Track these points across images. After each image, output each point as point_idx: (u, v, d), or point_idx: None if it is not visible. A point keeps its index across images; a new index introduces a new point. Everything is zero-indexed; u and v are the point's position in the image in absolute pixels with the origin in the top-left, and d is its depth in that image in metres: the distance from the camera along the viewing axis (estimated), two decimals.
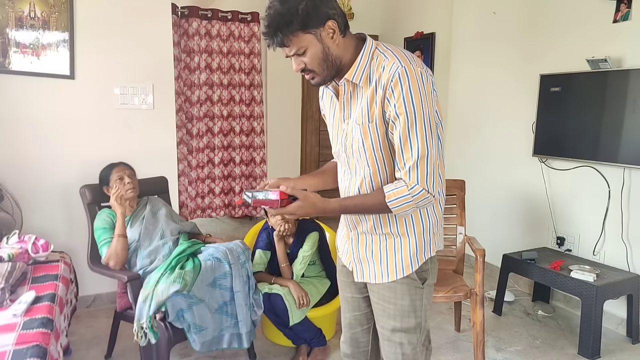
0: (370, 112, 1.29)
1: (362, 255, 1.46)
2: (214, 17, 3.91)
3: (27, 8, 2.71)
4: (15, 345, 1.53)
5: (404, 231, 1.39)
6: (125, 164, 2.53)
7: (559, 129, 3.17)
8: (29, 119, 2.79)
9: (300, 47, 1.23)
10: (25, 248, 2.26)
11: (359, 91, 1.32)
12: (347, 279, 1.57)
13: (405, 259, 1.39)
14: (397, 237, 1.40)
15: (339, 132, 1.40)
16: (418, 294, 1.42)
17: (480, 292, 2.40)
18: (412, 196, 1.26)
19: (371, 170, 1.36)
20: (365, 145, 1.33)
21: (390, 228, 1.40)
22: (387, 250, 1.41)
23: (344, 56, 1.29)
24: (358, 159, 1.37)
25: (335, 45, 1.26)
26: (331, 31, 1.24)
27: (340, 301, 1.64)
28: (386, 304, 1.43)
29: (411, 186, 1.26)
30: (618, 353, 2.67)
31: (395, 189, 1.28)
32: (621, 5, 2.82)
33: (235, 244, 2.37)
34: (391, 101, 1.24)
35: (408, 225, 1.39)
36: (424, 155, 1.24)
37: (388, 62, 1.25)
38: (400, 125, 1.24)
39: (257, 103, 4.19)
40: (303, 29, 1.21)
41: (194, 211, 4.08)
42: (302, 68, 1.28)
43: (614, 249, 2.94)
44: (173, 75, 3.24)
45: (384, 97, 1.25)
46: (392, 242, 1.40)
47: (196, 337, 2.11)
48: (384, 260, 1.41)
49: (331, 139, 1.48)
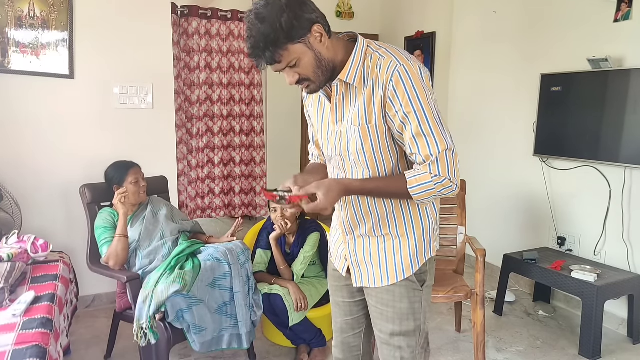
0: (368, 113, 1.26)
1: (360, 259, 1.43)
2: (213, 16, 3.90)
3: (26, 7, 2.70)
4: (14, 345, 1.53)
5: (403, 232, 1.37)
6: (138, 165, 2.52)
7: (560, 128, 3.17)
8: (28, 119, 2.78)
9: (292, 59, 1.20)
10: (25, 248, 2.26)
11: (352, 92, 1.29)
12: (338, 283, 1.55)
13: (405, 261, 1.37)
14: (397, 238, 1.38)
15: (331, 134, 1.37)
16: (417, 296, 1.39)
17: (481, 292, 2.39)
18: (434, 184, 1.23)
19: (370, 172, 1.33)
20: (364, 147, 1.29)
21: (389, 229, 1.37)
22: (386, 253, 1.38)
23: (336, 58, 1.25)
24: (356, 161, 1.33)
25: (325, 48, 1.22)
26: (318, 35, 1.20)
27: (332, 306, 1.62)
28: (385, 308, 1.40)
29: (433, 175, 1.23)
30: (619, 353, 2.67)
31: (418, 175, 1.24)
32: (622, 5, 2.81)
33: (235, 244, 2.37)
34: (395, 101, 1.21)
35: (408, 226, 1.37)
36: (444, 149, 1.22)
37: (385, 61, 1.22)
38: (411, 124, 1.21)
39: (257, 102, 4.18)
40: (291, 41, 1.17)
41: (194, 211, 4.07)
42: (297, 79, 1.24)
43: (614, 249, 2.94)
44: (172, 74, 3.24)
45: (385, 97, 1.22)
46: (392, 244, 1.38)
47: (196, 337, 2.11)
48: (382, 263, 1.39)
49: (320, 142, 1.44)
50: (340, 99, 1.31)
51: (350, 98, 1.29)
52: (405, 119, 1.22)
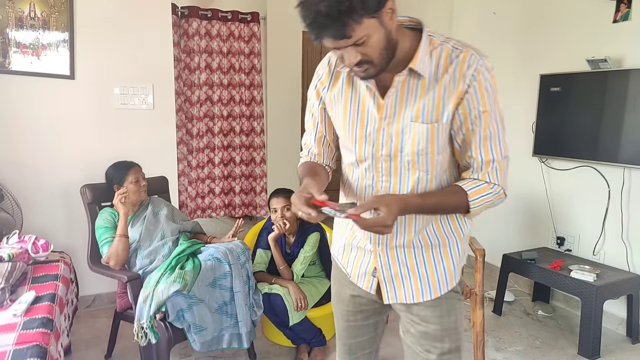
0: (437, 110, 1.11)
1: (394, 272, 1.25)
2: (213, 17, 3.91)
3: (27, 8, 2.71)
4: (15, 345, 1.53)
5: (445, 240, 1.24)
6: (139, 165, 2.53)
7: (559, 128, 3.17)
8: (29, 119, 2.79)
9: (363, 36, 1.00)
10: (25, 248, 2.26)
11: (415, 84, 1.12)
12: (356, 308, 1.37)
13: (449, 270, 1.23)
14: (438, 247, 1.23)
15: (374, 132, 1.17)
16: (459, 307, 1.27)
17: (480, 292, 2.39)
18: (493, 195, 1.15)
19: (428, 176, 1.17)
20: (429, 147, 1.13)
21: (431, 237, 1.22)
22: (428, 263, 1.23)
23: (402, 42, 1.10)
24: (411, 163, 1.16)
25: (394, 29, 1.06)
26: (390, 12, 1.02)
27: (340, 329, 1.46)
28: (430, 325, 1.24)
29: (492, 185, 1.15)
30: (618, 353, 2.67)
31: (476, 186, 1.15)
32: (621, 5, 2.82)
33: (235, 244, 2.37)
34: (473, 99, 1.10)
35: (455, 230, 1.25)
36: (505, 155, 1.15)
37: (464, 55, 1.10)
38: (482, 125, 1.12)
39: (257, 103, 4.19)
40: (368, 13, 0.97)
41: (194, 211, 4.08)
42: (359, 60, 1.04)
43: (613, 249, 2.94)
44: (173, 75, 3.24)
45: (462, 93, 1.10)
46: (432, 253, 1.23)
47: (196, 337, 2.11)
48: (423, 275, 1.23)
49: (349, 141, 1.22)
50: (402, 92, 1.13)
51: (412, 91, 1.13)
52: (477, 118, 1.12)
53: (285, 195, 2.55)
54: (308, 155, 1.39)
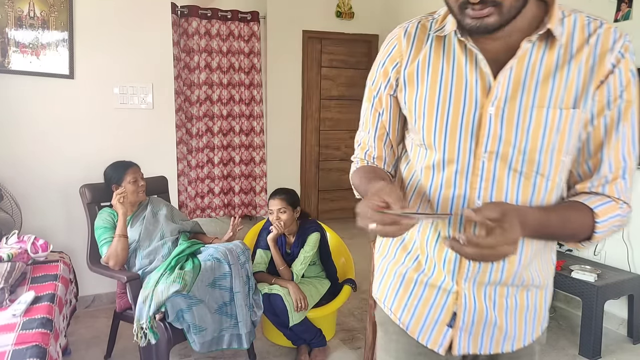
0: (573, 93, 0.85)
1: (478, 319, 0.96)
2: (213, 16, 3.91)
3: (26, 7, 2.70)
4: (14, 345, 1.52)
5: (548, 274, 1.01)
6: (137, 165, 2.53)
7: None
8: (28, 119, 2.78)
9: None
10: (25, 248, 2.25)
11: (537, 57, 0.86)
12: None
13: (540, 312, 1.00)
14: (540, 286, 0.99)
15: (476, 120, 0.89)
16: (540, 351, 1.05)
17: None
18: (621, 217, 0.88)
19: (547, 185, 0.90)
20: (557, 144, 0.87)
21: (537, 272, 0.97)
22: (520, 306, 0.97)
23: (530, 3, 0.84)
24: (527, 165, 0.88)
25: None
26: None
27: None
28: None
29: (620, 204, 0.88)
30: (619, 353, 2.67)
31: (603, 204, 0.87)
32: (622, 5, 2.81)
33: (235, 244, 2.36)
34: (615, 83, 0.85)
35: (549, 265, 1.01)
36: (637, 164, 0.90)
37: (605, 27, 0.87)
38: (621, 118, 0.86)
39: (256, 102, 4.19)
40: None
41: (194, 211, 4.08)
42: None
43: (614, 249, 2.94)
44: (172, 74, 3.24)
45: (608, 74, 0.85)
46: (534, 293, 0.99)
47: (196, 337, 2.11)
48: (511, 320, 0.97)
49: (439, 132, 0.92)
50: (520, 67, 0.86)
51: (535, 66, 0.86)
52: (616, 110, 0.86)
53: (282, 196, 2.53)
54: (365, 158, 1.08)
